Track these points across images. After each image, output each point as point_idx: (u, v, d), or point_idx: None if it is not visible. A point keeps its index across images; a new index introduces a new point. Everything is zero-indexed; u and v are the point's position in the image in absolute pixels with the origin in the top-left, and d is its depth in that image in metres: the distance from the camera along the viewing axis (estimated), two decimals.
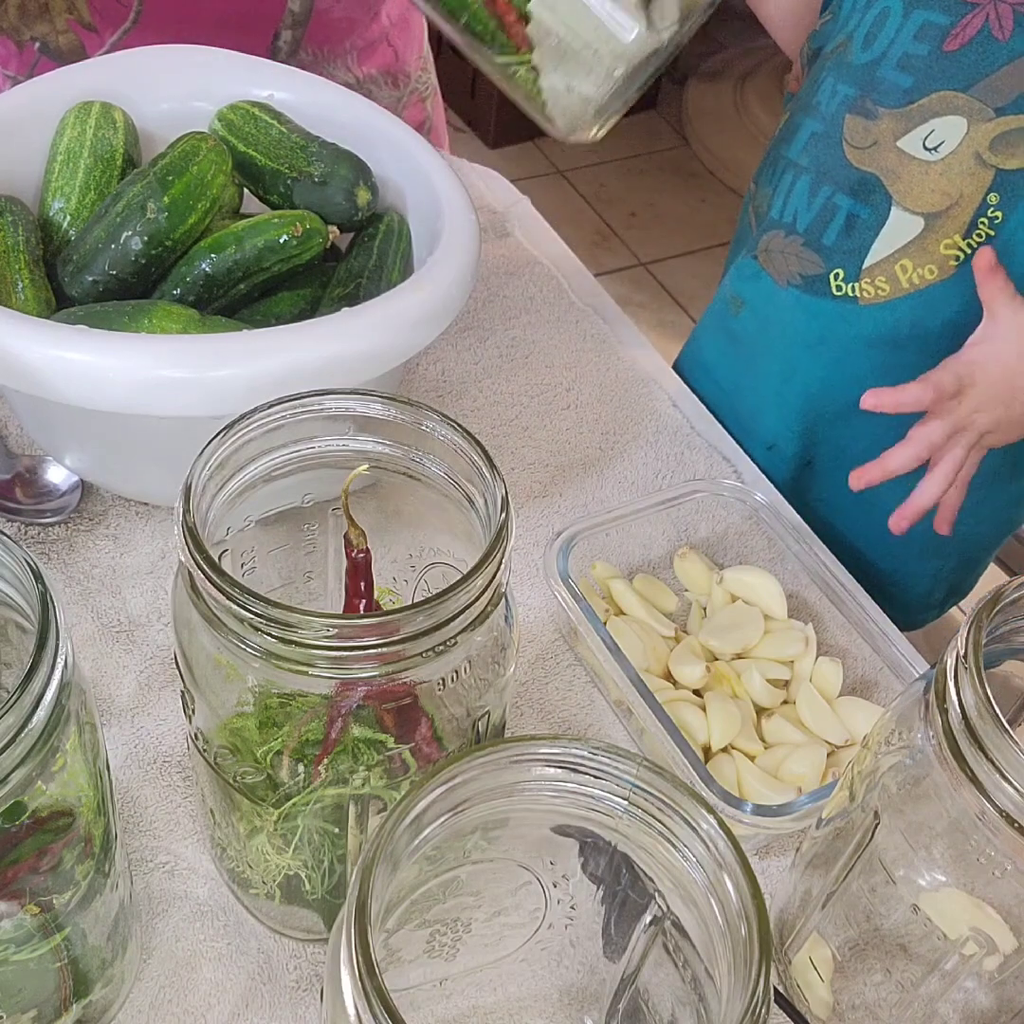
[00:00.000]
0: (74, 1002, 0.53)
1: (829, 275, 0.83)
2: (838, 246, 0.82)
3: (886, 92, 0.79)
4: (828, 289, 0.83)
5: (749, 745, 0.67)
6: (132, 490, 0.78)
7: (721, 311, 0.95)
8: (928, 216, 0.78)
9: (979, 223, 0.77)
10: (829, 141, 0.82)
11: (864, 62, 0.80)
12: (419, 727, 0.51)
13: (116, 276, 0.72)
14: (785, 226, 0.86)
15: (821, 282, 0.84)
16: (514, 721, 0.70)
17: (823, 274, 0.83)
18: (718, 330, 0.96)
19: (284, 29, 1.01)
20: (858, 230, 0.81)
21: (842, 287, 0.83)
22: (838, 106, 0.82)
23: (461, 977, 0.55)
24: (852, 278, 0.82)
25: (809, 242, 0.84)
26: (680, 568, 0.78)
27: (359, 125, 0.81)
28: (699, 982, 0.46)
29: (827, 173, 0.83)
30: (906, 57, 0.78)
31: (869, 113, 0.80)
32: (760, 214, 0.89)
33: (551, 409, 0.89)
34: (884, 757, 0.51)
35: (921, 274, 0.79)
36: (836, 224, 0.82)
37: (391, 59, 1.10)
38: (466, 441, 0.51)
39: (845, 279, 0.82)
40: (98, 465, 0.76)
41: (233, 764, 0.52)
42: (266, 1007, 0.58)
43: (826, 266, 0.83)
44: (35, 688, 0.42)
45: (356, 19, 1.05)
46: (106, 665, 0.70)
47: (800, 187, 0.84)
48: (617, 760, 0.43)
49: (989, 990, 0.53)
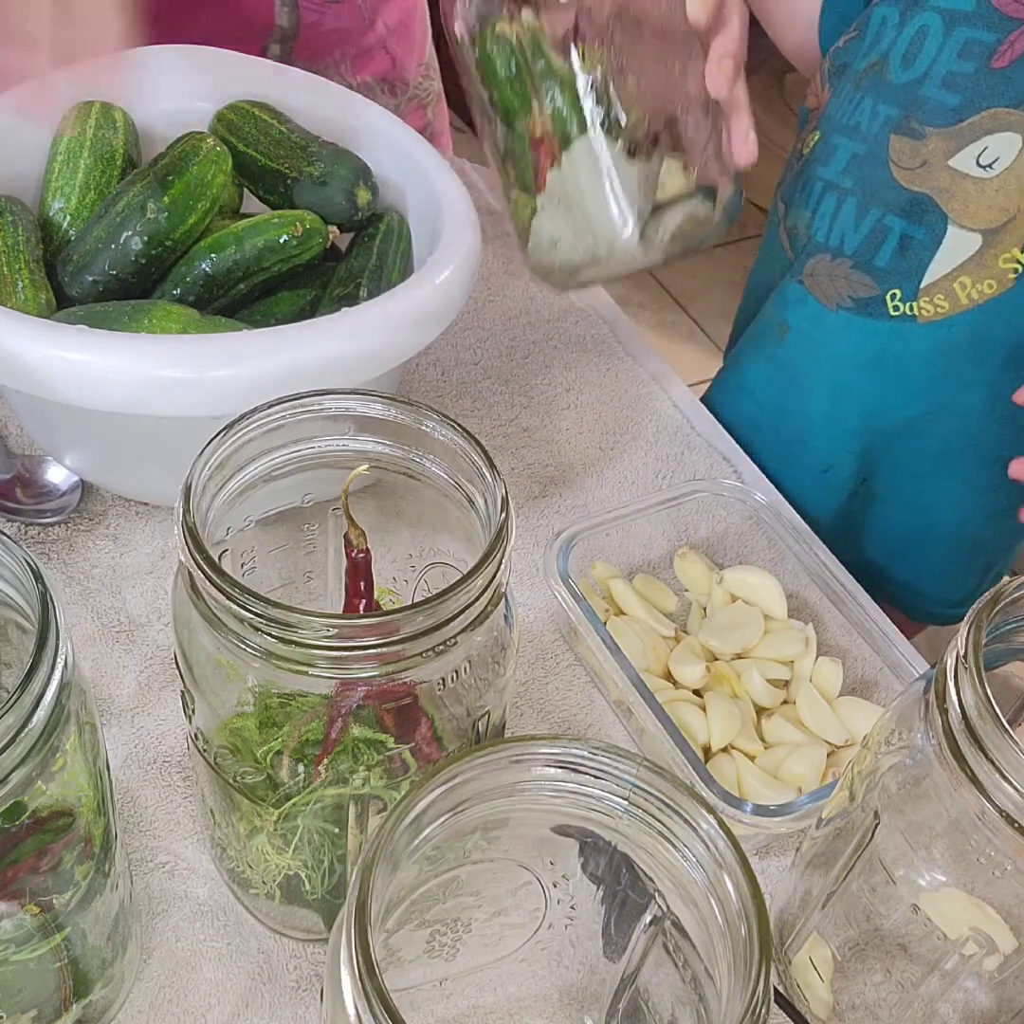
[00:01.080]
0: (74, 1002, 0.53)
1: (885, 296, 0.82)
2: (893, 267, 0.81)
3: (932, 111, 0.77)
4: (884, 310, 0.82)
5: (749, 745, 0.67)
6: (132, 490, 0.78)
7: (764, 337, 0.93)
8: (986, 232, 0.77)
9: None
10: (874, 162, 0.81)
11: (905, 82, 0.78)
12: (419, 727, 0.51)
13: (116, 276, 0.72)
14: (832, 250, 0.84)
15: (876, 303, 0.83)
16: (514, 721, 0.70)
17: (878, 296, 0.82)
18: (762, 357, 0.94)
19: (272, 43, 1.01)
20: (913, 251, 0.80)
21: (900, 307, 0.82)
22: (881, 127, 0.80)
23: (461, 977, 0.55)
24: (910, 298, 0.81)
25: (859, 265, 0.83)
26: (680, 568, 0.78)
27: (359, 125, 0.81)
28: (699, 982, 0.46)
29: (874, 195, 0.81)
30: (951, 76, 0.76)
31: (915, 133, 0.78)
32: (797, 237, 0.88)
33: (551, 409, 0.89)
34: (884, 757, 0.51)
35: (980, 289, 0.79)
36: (889, 246, 0.80)
37: (388, 66, 1.09)
38: (466, 441, 0.51)
39: (903, 299, 0.81)
40: (98, 465, 0.76)
41: (233, 764, 0.52)
42: (266, 1007, 0.58)
43: (881, 288, 0.82)
44: (35, 688, 0.42)
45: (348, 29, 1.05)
46: (106, 665, 0.70)
47: (847, 210, 0.83)
48: (617, 760, 0.43)
49: (989, 990, 0.53)
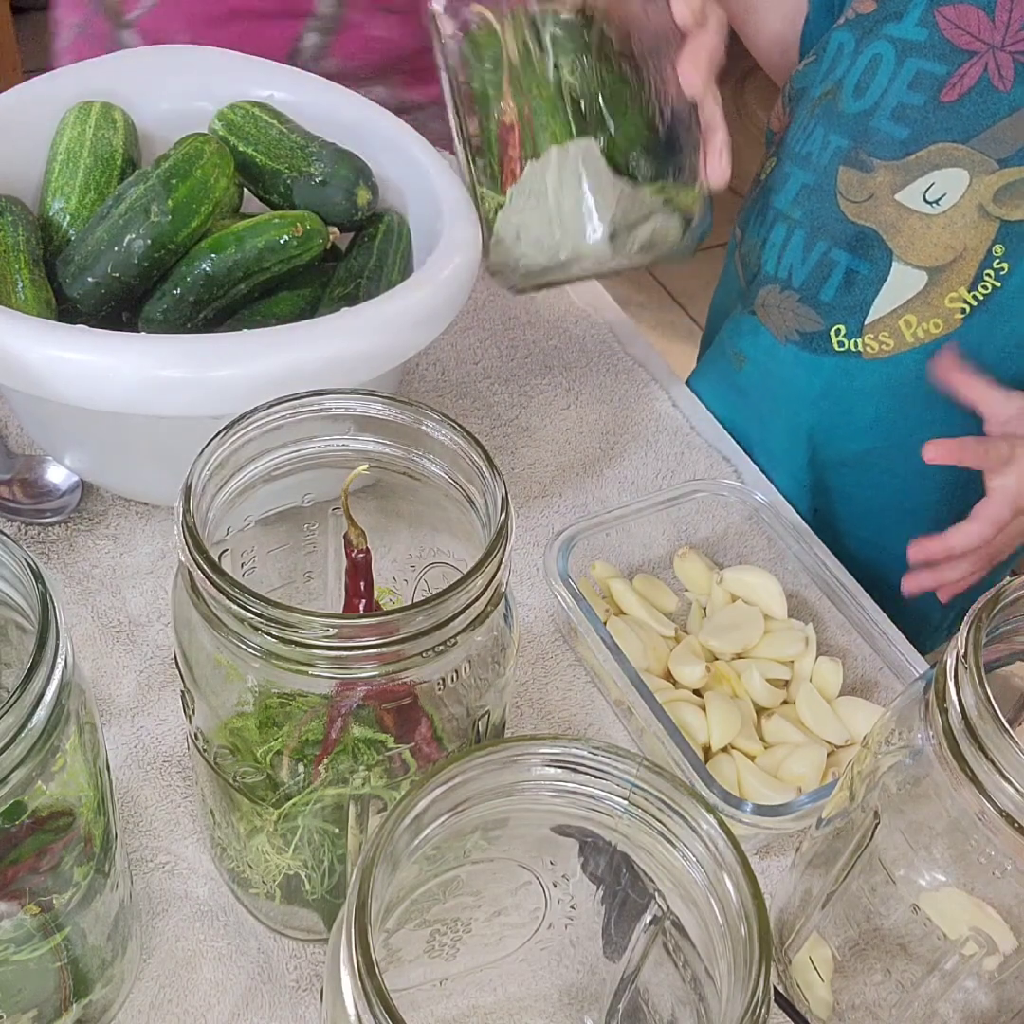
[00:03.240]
0: (74, 1002, 0.53)
1: (830, 331, 0.81)
2: (838, 302, 0.80)
3: (881, 143, 0.76)
4: (829, 345, 0.81)
5: (749, 745, 0.67)
6: (132, 490, 0.78)
7: (724, 366, 0.92)
8: (932, 270, 0.76)
9: (985, 275, 0.75)
10: (822, 194, 0.79)
11: (856, 111, 0.77)
12: (419, 727, 0.51)
13: (118, 278, 0.72)
14: (780, 281, 0.83)
15: (821, 338, 0.81)
16: (514, 721, 0.70)
17: (823, 331, 0.81)
18: (723, 384, 0.92)
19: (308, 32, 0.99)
20: (858, 286, 0.78)
21: (844, 343, 0.80)
22: (831, 158, 0.79)
23: (461, 977, 0.55)
24: (854, 334, 0.80)
25: (805, 298, 0.81)
26: (680, 568, 0.78)
27: (359, 125, 0.81)
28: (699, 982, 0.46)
29: (822, 227, 0.80)
30: (901, 107, 0.75)
31: (864, 165, 0.77)
32: (749, 265, 0.87)
33: (551, 409, 0.89)
34: (884, 757, 0.51)
35: (926, 328, 0.77)
36: (834, 280, 0.79)
37: None
38: (466, 441, 0.51)
39: (847, 335, 0.80)
40: (98, 465, 0.76)
41: (233, 764, 0.52)
42: (266, 1007, 0.58)
43: (825, 323, 0.81)
44: (35, 688, 0.42)
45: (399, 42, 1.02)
46: (106, 665, 0.70)
47: (795, 242, 0.81)
48: (617, 760, 0.43)
49: (989, 990, 0.53)
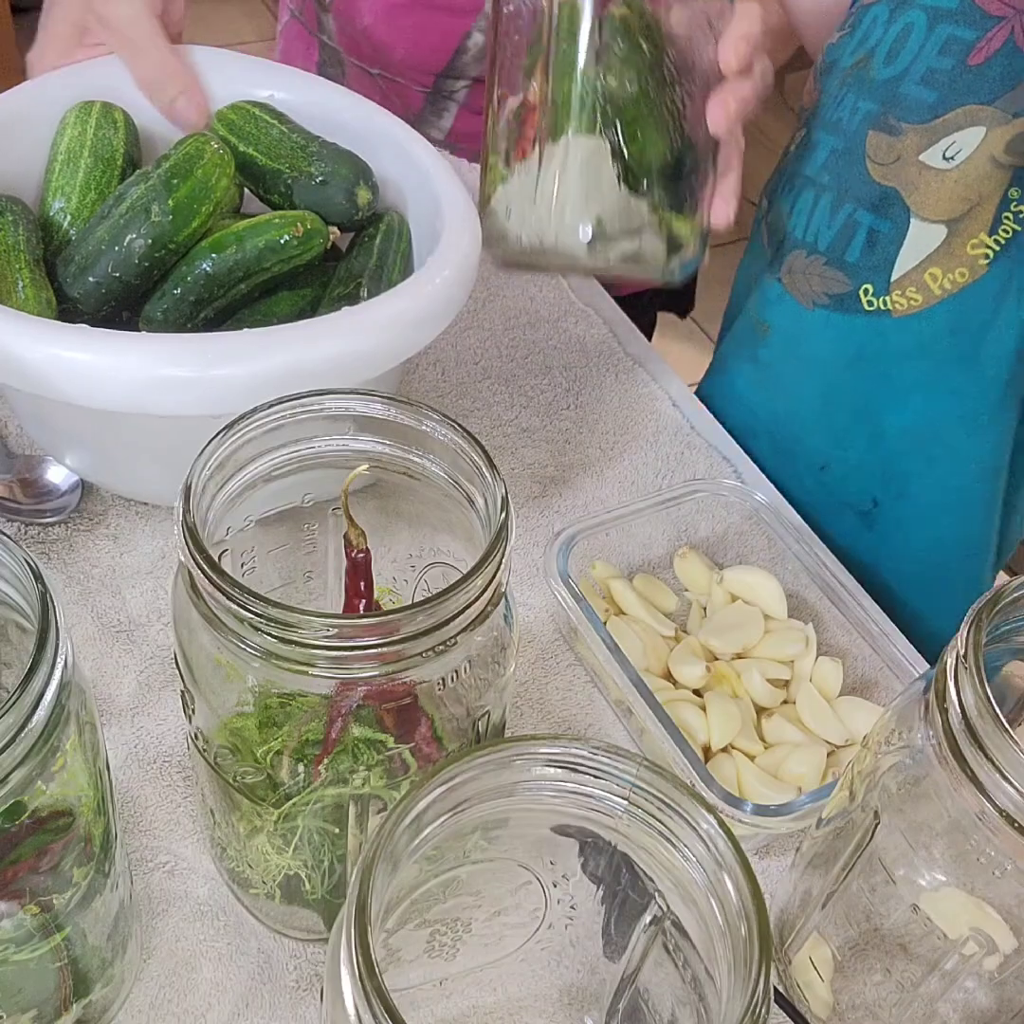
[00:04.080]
0: (74, 1002, 0.53)
1: (858, 291, 0.81)
2: (863, 262, 0.81)
3: (909, 108, 0.77)
4: (859, 305, 0.82)
5: (749, 745, 0.67)
6: (132, 490, 0.78)
7: (746, 337, 0.93)
8: (949, 223, 0.77)
9: (1004, 218, 0.76)
10: (851, 158, 0.81)
11: (886, 78, 0.79)
12: (419, 727, 0.51)
13: (119, 278, 0.72)
14: (807, 246, 0.84)
15: (850, 299, 0.82)
16: (514, 721, 0.70)
17: (851, 291, 0.82)
18: (745, 358, 0.93)
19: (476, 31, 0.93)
20: (880, 245, 0.80)
21: (873, 302, 0.81)
22: (860, 123, 0.80)
23: (461, 977, 0.55)
24: (882, 292, 0.81)
25: (832, 261, 0.82)
26: (680, 568, 0.78)
27: (359, 125, 0.81)
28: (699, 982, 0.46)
29: (849, 190, 0.81)
30: (930, 72, 0.76)
31: (893, 129, 0.78)
32: (776, 232, 0.88)
33: (551, 409, 0.89)
34: (884, 757, 0.51)
35: (952, 279, 0.78)
36: (858, 241, 0.80)
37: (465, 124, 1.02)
38: (466, 441, 0.51)
39: (875, 294, 0.81)
40: (98, 465, 0.76)
41: (233, 764, 0.52)
42: (266, 1007, 0.58)
43: (853, 283, 0.82)
44: (35, 688, 0.42)
45: None
46: (106, 665, 0.70)
47: (822, 206, 0.83)
48: (617, 760, 0.43)
49: (989, 990, 0.53)
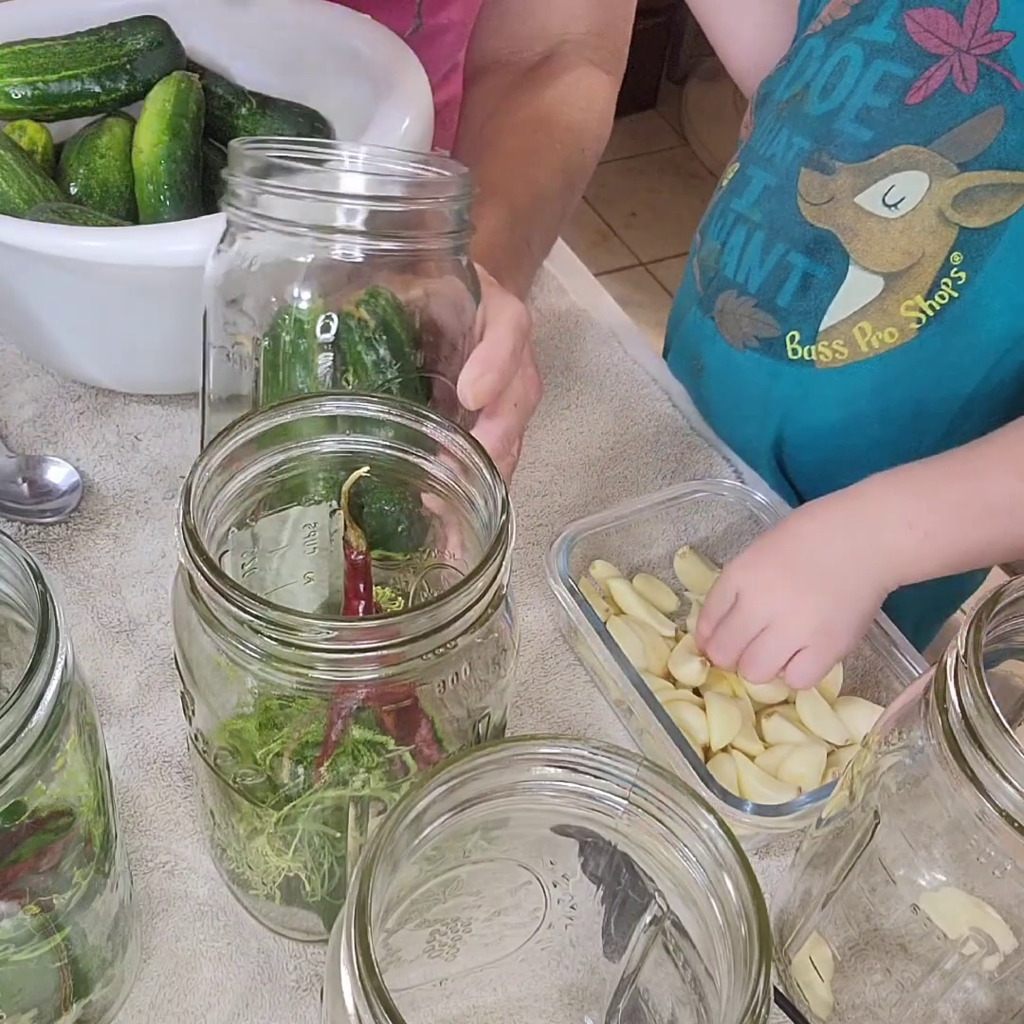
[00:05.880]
0: (74, 1002, 0.53)
1: (785, 337, 0.78)
2: (793, 307, 0.78)
3: (844, 145, 0.74)
4: (784, 352, 0.79)
5: (749, 745, 0.67)
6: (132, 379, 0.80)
7: (684, 368, 0.91)
8: (888, 276, 0.74)
9: (942, 284, 0.73)
10: (783, 196, 0.77)
11: (821, 113, 0.76)
12: (419, 729, 0.51)
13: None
14: (737, 286, 0.81)
15: (777, 344, 0.79)
16: (514, 721, 0.70)
17: (779, 337, 0.79)
18: (687, 384, 0.91)
19: None
20: (814, 291, 0.76)
21: (798, 350, 0.78)
22: (793, 159, 0.77)
23: (461, 977, 0.55)
24: (808, 341, 0.77)
25: (761, 303, 0.79)
26: (680, 568, 0.78)
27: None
28: (699, 982, 0.46)
29: (781, 230, 0.78)
30: (866, 109, 0.74)
31: (826, 168, 0.75)
32: (707, 269, 0.85)
33: (551, 409, 0.89)
34: (884, 757, 0.51)
35: (881, 337, 0.75)
36: (791, 285, 0.77)
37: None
38: (467, 442, 0.51)
39: (801, 342, 0.78)
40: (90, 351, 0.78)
41: (233, 766, 0.52)
42: (266, 1007, 0.58)
43: (782, 329, 0.79)
44: (35, 688, 0.42)
45: None
46: (106, 665, 0.70)
47: (754, 244, 0.79)
48: (617, 760, 0.43)
49: (989, 990, 0.53)
